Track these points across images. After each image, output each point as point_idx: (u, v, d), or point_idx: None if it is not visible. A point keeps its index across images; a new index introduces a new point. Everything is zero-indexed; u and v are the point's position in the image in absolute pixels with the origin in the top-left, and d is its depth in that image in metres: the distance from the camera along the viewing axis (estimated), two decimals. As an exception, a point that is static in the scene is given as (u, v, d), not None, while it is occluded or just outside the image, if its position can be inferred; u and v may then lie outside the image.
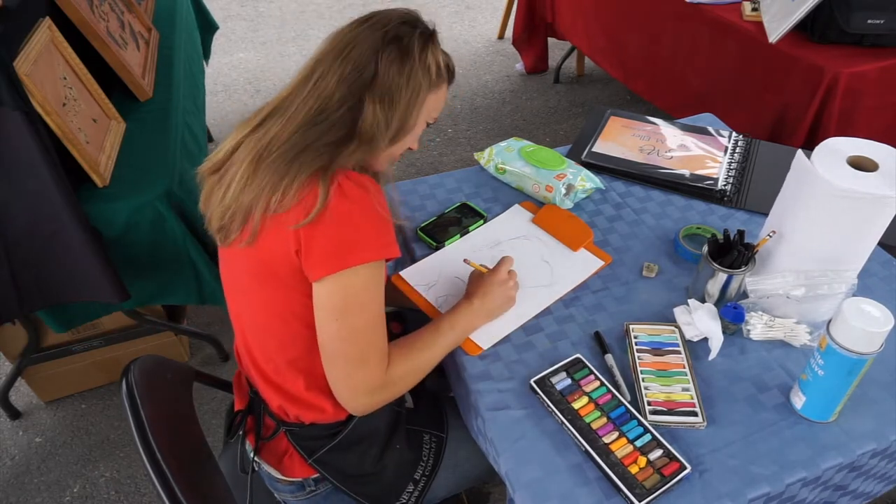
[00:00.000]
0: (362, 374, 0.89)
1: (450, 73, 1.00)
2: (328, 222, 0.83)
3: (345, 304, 0.86)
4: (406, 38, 0.89)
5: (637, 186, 1.36)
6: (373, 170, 0.97)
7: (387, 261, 0.90)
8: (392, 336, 1.26)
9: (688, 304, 1.05)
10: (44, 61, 1.39)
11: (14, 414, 1.86)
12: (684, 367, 0.99)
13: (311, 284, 0.87)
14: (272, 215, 0.85)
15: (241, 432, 1.06)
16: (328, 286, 0.86)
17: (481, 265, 1.09)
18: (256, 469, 1.06)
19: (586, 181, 1.30)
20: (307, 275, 0.86)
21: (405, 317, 1.31)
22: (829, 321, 0.86)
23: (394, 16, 0.91)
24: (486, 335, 1.05)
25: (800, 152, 0.98)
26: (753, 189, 1.33)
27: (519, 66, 3.36)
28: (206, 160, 0.96)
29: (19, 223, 1.29)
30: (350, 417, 1.02)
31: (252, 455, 1.04)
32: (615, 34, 2.56)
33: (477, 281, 1.06)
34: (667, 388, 0.96)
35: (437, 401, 1.17)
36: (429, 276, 1.16)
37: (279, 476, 1.05)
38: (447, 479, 1.11)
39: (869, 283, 1.11)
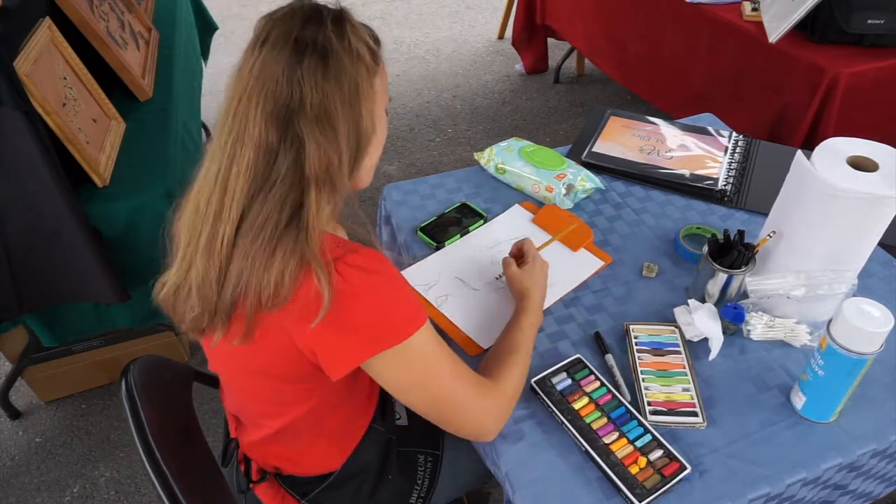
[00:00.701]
0: (481, 408, 0.86)
1: (379, 44, 0.83)
2: (341, 316, 0.73)
3: (418, 376, 0.81)
4: (319, 36, 0.73)
5: (637, 186, 1.36)
6: (358, 189, 0.86)
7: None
8: None
9: (688, 304, 1.05)
10: (44, 61, 1.39)
11: (14, 414, 1.86)
12: (684, 368, 0.99)
13: (322, 375, 0.79)
14: (265, 313, 0.74)
15: (234, 458, 1.04)
16: (389, 366, 0.79)
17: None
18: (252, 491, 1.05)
19: (586, 181, 1.30)
20: (329, 374, 0.78)
21: None
22: (829, 321, 0.86)
23: (293, 19, 0.74)
24: (487, 335, 1.05)
25: (799, 153, 0.98)
26: (753, 189, 1.33)
27: (519, 66, 3.36)
28: (161, 284, 0.84)
29: (19, 223, 1.29)
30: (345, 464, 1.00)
31: (245, 485, 1.02)
32: (614, 35, 2.56)
33: (517, 278, 1.04)
34: (667, 388, 0.96)
35: None
36: (429, 276, 1.16)
37: None
38: (446, 488, 1.10)
39: (869, 283, 1.11)
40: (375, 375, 0.81)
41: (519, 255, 1.10)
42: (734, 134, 1.47)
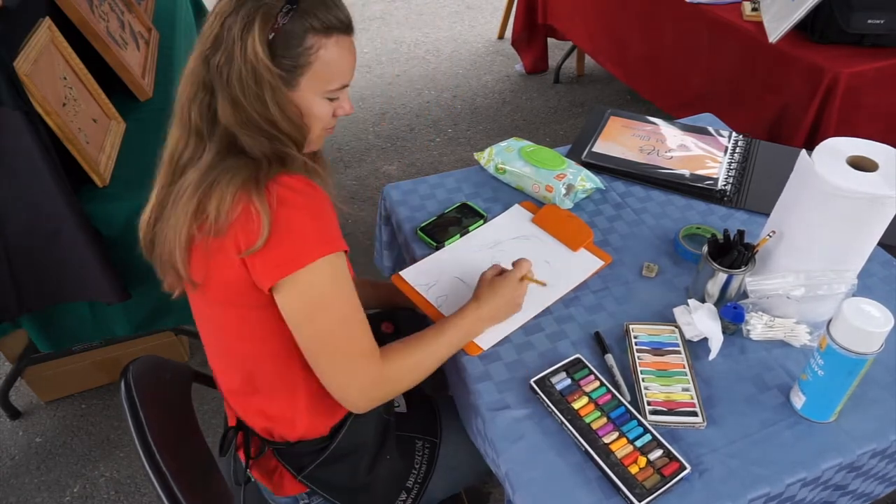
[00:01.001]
0: (351, 371, 0.87)
1: (330, 29, 0.83)
2: (264, 229, 0.79)
3: (310, 305, 0.83)
4: (227, 36, 0.79)
5: (637, 186, 1.36)
6: (309, 151, 0.93)
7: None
8: (384, 336, 1.26)
9: (688, 304, 1.05)
10: (44, 61, 1.39)
11: (14, 414, 1.86)
12: (684, 367, 0.99)
13: (269, 297, 0.84)
14: (208, 243, 0.81)
15: (232, 447, 1.05)
16: (286, 293, 0.83)
17: (538, 279, 1.07)
18: (251, 480, 1.06)
19: (586, 181, 1.30)
20: (259, 286, 0.83)
21: (397, 317, 1.31)
22: (829, 321, 0.86)
23: (224, 7, 0.81)
24: (487, 335, 1.04)
25: (803, 152, 0.98)
26: (753, 189, 1.33)
27: (519, 66, 3.36)
28: (140, 232, 0.93)
29: (19, 223, 1.29)
30: (336, 431, 1.01)
31: (244, 468, 1.03)
32: (616, 34, 2.56)
33: (487, 283, 1.03)
34: (667, 388, 0.96)
35: (431, 403, 1.16)
36: (429, 276, 1.16)
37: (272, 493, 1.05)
38: (444, 480, 1.11)
39: (869, 283, 1.11)
40: (278, 299, 0.84)
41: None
42: (734, 134, 1.47)
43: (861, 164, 0.96)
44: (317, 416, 0.98)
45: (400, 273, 1.17)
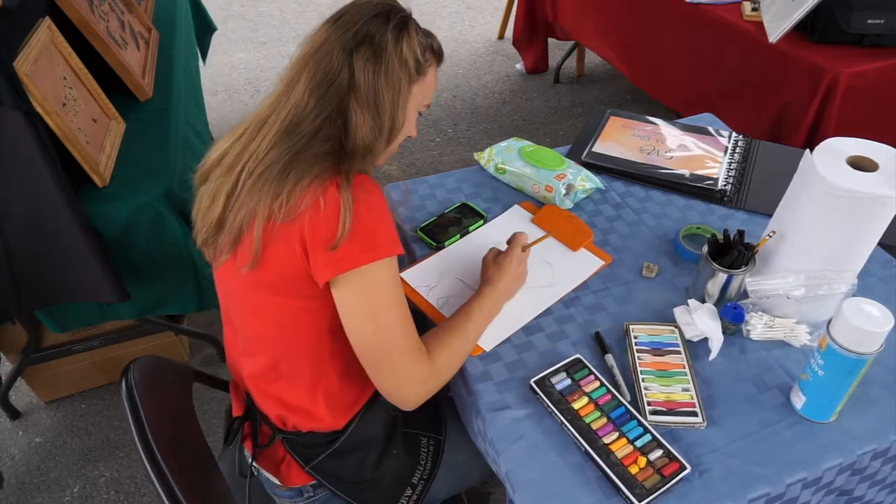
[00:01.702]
0: (409, 368, 0.89)
1: (436, 54, 0.97)
2: (333, 223, 0.82)
3: (373, 303, 0.86)
4: (378, 34, 0.87)
5: (637, 186, 1.36)
6: (375, 167, 0.97)
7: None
8: None
9: (688, 304, 1.05)
10: (44, 61, 1.39)
11: (14, 414, 1.86)
12: (684, 368, 0.99)
13: (320, 291, 0.87)
14: (275, 228, 0.84)
15: (238, 437, 1.06)
16: (349, 287, 0.85)
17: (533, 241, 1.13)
18: (255, 474, 1.06)
19: (586, 181, 1.30)
20: (316, 278, 0.85)
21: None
22: (829, 321, 0.86)
23: (366, 10, 0.89)
24: (488, 335, 1.04)
25: (807, 152, 0.98)
26: (753, 189, 1.33)
27: (519, 66, 3.36)
28: (198, 168, 0.95)
29: (19, 223, 1.29)
30: (347, 425, 1.01)
31: (250, 460, 1.04)
32: (620, 33, 2.56)
33: (493, 264, 1.07)
34: (667, 388, 0.96)
35: (435, 402, 1.17)
36: (429, 277, 1.16)
37: (277, 482, 1.05)
38: (446, 480, 1.11)
39: (869, 283, 1.11)
40: (337, 294, 0.86)
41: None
42: (734, 134, 1.47)
43: (861, 164, 0.96)
44: (335, 409, 1.00)
45: (400, 274, 1.17)
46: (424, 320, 1.12)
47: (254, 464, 1.04)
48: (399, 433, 1.07)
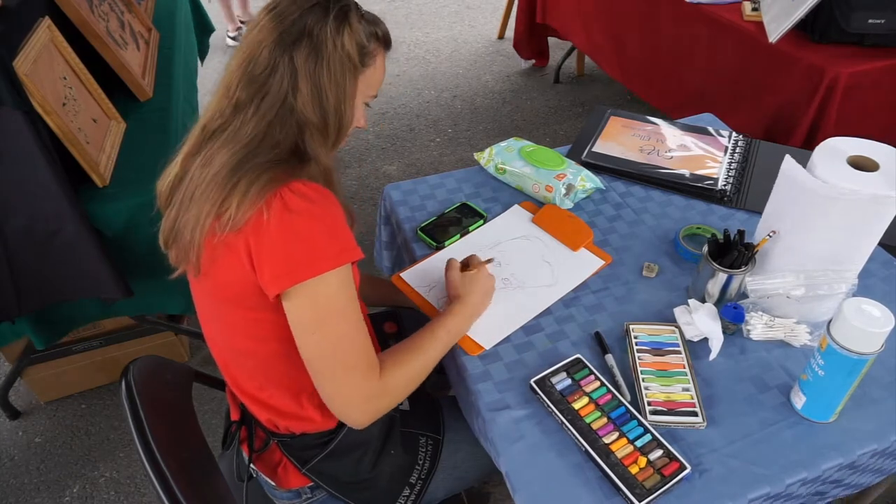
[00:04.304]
0: (353, 383, 0.86)
1: (382, 41, 0.92)
2: (276, 237, 0.79)
3: (317, 315, 0.83)
4: (317, 27, 0.83)
5: (637, 186, 1.36)
6: (322, 166, 0.92)
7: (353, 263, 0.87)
8: (387, 336, 1.26)
9: (688, 304, 1.05)
10: (44, 61, 1.39)
11: (14, 414, 1.86)
12: (684, 367, 0.99)
13: (272, 303, 0.84)
14: (221, 238, 0.81)
15: (236, 441, 1.05)
16: (295, 300, 0.82)
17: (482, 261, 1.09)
18: (254, 476, 1.06)
19: (586, 181, 1.30)
20: (265, 291, 0.82)
21: (400, 316, 1.31)
22: (830, 321, 0.86)
23: (302, 1, 0.84)
24: (488, 335, 1.04)
25: (787, 157, 0.98)
26: (753, 189, 1.33)
27: (525, 63, 3.35)
28: (157, 190, 0.94)
29: (19, 223, 1.29)
30: (341, 424, 1.01)
31: (248, 462, 1.04)
32: (614, 34, 2.56)
33: (462, 279, 1.04)
34: (667, 388, 0.96)
35: (434, 401, 1.17)
36: (429, 277, 1.16)
37: (275, 485, 1.05)
38: (446, 480, 1.11)
39: (869, 283, 1.11)
40: (286, 305, 0.83)
41: (464, 266, 1.09)
42: (734, 134, 1.47)
43: (861, 164, 0.96)
44: (323, 409, 0.97)
45: (400, 274, 1.17)
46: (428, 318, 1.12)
47: (252, 466, 1.04)
48: (397, 432, 1.07)
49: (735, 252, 1.02)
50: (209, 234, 0.81)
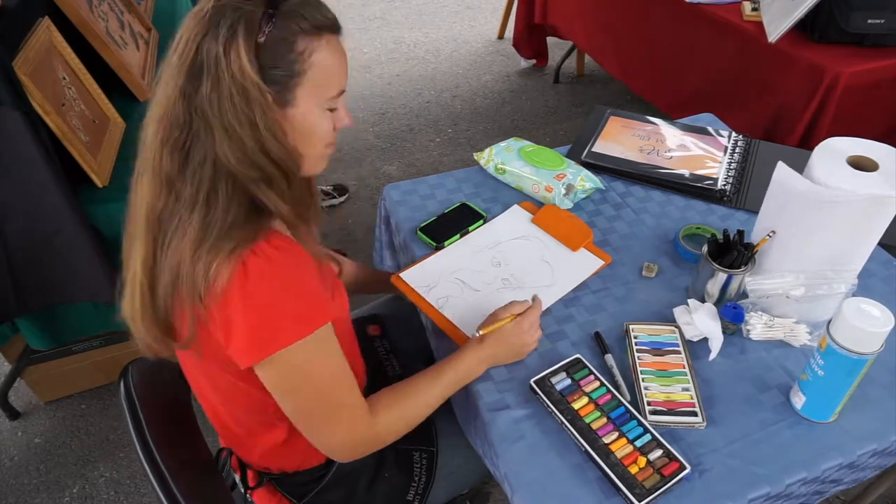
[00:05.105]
0: (338, 434, 0.85)
1: (324, 28, 0.75)
2: (239, 310, 0.73)
3: (291, 382, 0.80)
4: (210, 57, 0.69)
5: (637, 186, 1.36)
6: (311, 173, 0.86)
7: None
8: (370, 339, 1.24)
9: (688, 304, 1.05)
10: (43, 61, 1.39)
11: (13, 414, 1.86)
12: (684, 367, 0.99)
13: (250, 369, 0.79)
14: (201, 315, 0.75)
15: (229, 467, 1.04)
16: (266, 370, 0.78)
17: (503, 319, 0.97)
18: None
19: (586, 181, 1.30)
20: (237, 363, 0.78)
21: (383, 319, 1.30)
22: (829, 321, 0.85)
23: (197, 23, 0.70)
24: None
25: (780, 164, 0.97)
26: (753, 189, 1.33)
27: (525, 62, 3.35)
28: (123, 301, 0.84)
29: (19, 223, 1.29)
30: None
31: (244, 496, 1.02)
32: (615, 34, 2.56)
33: (510, 325, 0.96)
34: (667, 388, 0.96)
35: None
36: (429, 277, 1.16)
37: None
38: (445, 488, 1.10)
39: (869, 283, 1.11)
40: (258, 371, 0.79)
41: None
42: (734, 134, 1.47)
43: (861, 164, 0.96)
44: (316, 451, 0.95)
45: (400, 274, 1.17)
46: (411, 319, 1.11)
47: (248, 496, 1.03)
48: (390, 453, 1.05)
49: (735, 252, 1.02)
50: (196, 316, 0.75)
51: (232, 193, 0.74)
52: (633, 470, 0.86)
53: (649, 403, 0.94)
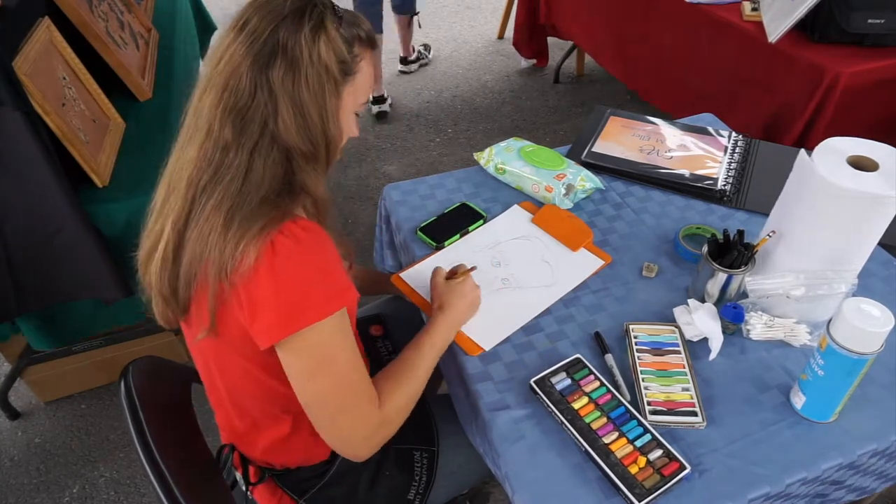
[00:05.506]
0: (353, 422, 0.84)
1: (366, 43, 0.83)
2: (265, 288, 0.75)
3: (312, 363, 0.80)
4: (291, 41, 0.75)
5: (637, 186, 1.36)
6: (313, 197, 0.88)
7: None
8: (373, 339, 1.25)
9: (688, 304, 1.05)
10: (43, 61, 1.39)
11: (14, 414, 1.86)
12: (684, 367, 0.99)
13: (270, 349, 0.81)
14: (221, 296, 0.78)
15: (230, 464, 1.03)
16: (289, 350, 0.79)
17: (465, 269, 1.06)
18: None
19: (586, 181, 1.30)
20: (256, 342, 0.80)
21: (385, 319, 1.30)
22: (829, 321, 0.85)
23: (274, 10, 0.76)
24: (488, 335, 1.04)
25: (802, 152, 0.98)
26: (753, 189, 1.33)
27: (525, 62, 3.35)
28: (140, 248, 0.88)
29: (19, 223, 1.29)
30: (335, 454, 1.00)
31: (245, 492, 1.02)
32: (615, 34, 2.56)
33: (445, 288, 1.02)
34: (667, 388, 0.96)
35: (425, 409, 1.14)
36: (429, 277, 1.16)
37: None
38: (445, 488, 1.10)
39: (869, 283, 1.11)
40: (279, 353, 0.80)
41: (451, 274, 1.06)
42: (734, 134, 1.47)
43: (861, 164, 0.96)
44: (319, 442, 0.94)
45: (400, 274, 1.17)
46: (413, 318, 1.11)
47: (249, 495, 1.03)
48: (390, 452, 1.05)
49: (735, 252, 1.02)
50: (218, 293, 0.78)
51: (271, 169, 0.78)
52: (633, 470, 0.86)
53: (649, 403, 0.94)
